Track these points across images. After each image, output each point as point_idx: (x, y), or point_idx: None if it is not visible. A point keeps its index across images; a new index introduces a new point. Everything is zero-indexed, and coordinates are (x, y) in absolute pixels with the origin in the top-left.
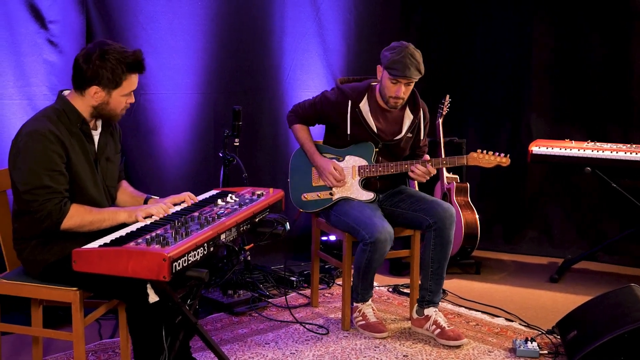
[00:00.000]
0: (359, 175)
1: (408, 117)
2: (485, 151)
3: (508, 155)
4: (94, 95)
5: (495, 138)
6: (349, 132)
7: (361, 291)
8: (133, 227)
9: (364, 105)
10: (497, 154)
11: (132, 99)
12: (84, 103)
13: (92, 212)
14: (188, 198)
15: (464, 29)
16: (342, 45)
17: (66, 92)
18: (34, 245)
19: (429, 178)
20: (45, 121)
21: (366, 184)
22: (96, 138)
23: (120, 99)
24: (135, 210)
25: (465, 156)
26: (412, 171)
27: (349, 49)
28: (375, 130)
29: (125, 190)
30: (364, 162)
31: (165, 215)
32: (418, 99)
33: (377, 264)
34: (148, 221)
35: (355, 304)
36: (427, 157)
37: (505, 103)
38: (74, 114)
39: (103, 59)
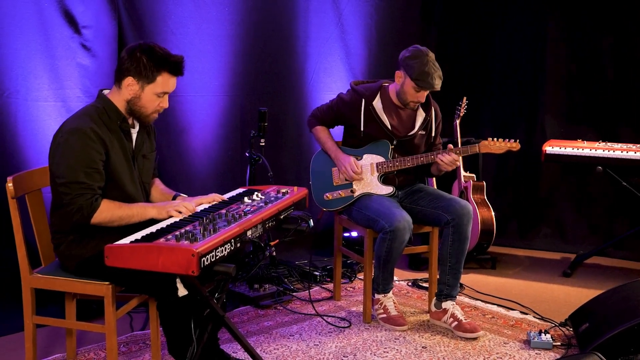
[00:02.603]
0: (377, 171)
1: (420, 115)
2: (495, 138)
3: (517, 140)
4: (128, 87)
5: (511, 138)
6: (362, 129)
7: (382, 282)
8: (163, 224)
9: (377, 103)
10: (507, 140)
11: (166, 104)
12: (120, 97)
13: (122, 208)
14: (218, 198)
15: (482, 34)
16: (363, 50)
17: (106, 92)
18: (70, 241)
19: (454, 167)
20: (87, 119)
21: (385, 180)
22: (134, 136)
23: (153, 97)
24: (164, 206)
25: (477, 144)
26: (440, 160)
27: (370, 52)
28: (389, 126)
29: (157, 187)
30: (381, 159)
31: (192, 213)
32: (430, 98)
33: (397, 254)
34: (178, 218)
35: (376, 296)
36: (451, 146)
37: (520, 105)
38: (114, 112)
39: (144, 52)
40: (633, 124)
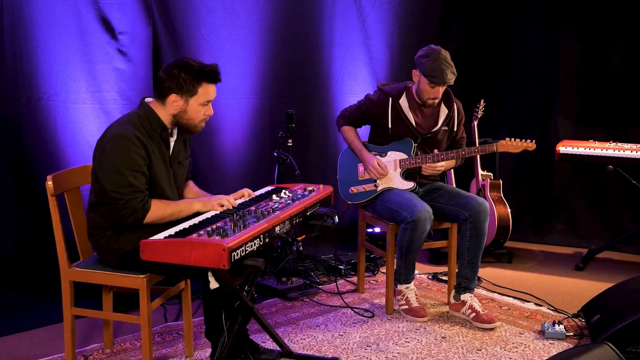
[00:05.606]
0: (400, 167)
1: (443, 111)
2: (512, 138)
3: (534, 140)
4: (173, 103)
5: (526, 139)
6: (390, 127)
7: (404, 272)
8: (195, 220)
9: (403, 102)
10: (524, 140)
11: (210, 111)
12: (165, 112)
13: (170, 205)
14: (246, 193)
15: (498, 39)
16: (385, 55)
17: (148, 100)
18: (109, 236)
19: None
20: (130, 126)
21: (407, 176)
22: (172, 144)
23: (198, 108)
24: (208, 200)
25: (495, 143)
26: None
27: (392, 57)
28: (414, 124)
29: (191, 190)
30: (404, 156)
31: (231, 207)
32: (452, 96)
33: (418, 243)
34: (211, 214)
35: (399, 287)
36: (436, 151)
37: (535, 107)
38: (155, 121)
39: (180, 69)
40: None
